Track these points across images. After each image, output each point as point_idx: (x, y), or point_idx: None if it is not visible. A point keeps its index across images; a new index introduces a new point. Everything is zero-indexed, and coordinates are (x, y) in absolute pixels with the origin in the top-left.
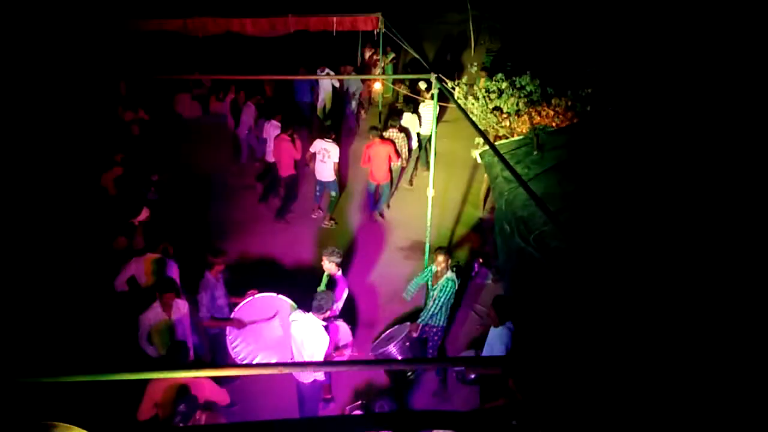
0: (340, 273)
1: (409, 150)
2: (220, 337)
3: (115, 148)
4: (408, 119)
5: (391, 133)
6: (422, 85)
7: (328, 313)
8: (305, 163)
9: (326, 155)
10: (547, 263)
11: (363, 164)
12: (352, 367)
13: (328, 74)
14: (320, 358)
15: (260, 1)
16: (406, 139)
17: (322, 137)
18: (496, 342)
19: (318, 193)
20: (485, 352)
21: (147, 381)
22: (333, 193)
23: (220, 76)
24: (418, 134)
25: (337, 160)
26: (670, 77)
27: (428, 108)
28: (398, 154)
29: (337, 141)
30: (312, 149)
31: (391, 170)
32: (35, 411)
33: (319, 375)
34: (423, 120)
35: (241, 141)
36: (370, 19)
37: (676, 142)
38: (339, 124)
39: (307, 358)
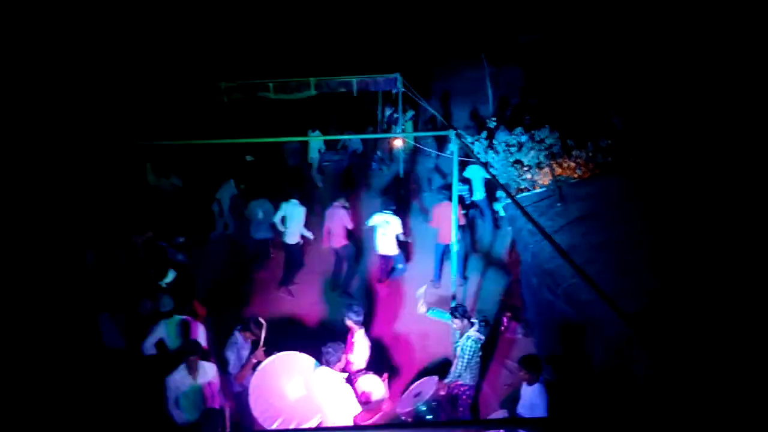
0: (362, 330)
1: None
2: (242, 398)
3: (145, 211)
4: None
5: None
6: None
7: (341, 363)
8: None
9: (386, 228)
10: (578, 316)
11: (432, 224)
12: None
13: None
14: (347, 413)
15: (282, 65)
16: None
17: (382, 209)
18: (535, 400)
19: (383, 266)
20: (524, 412)
21: None
22: (400, 266)
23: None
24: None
25: (400, 231)
26: (689, 126)
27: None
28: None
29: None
30: (372, 222)
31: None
32: None
33: None
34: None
35: (214, 217)
36: (388, 80)
37: (699, 190)
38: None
39: (331, 416)
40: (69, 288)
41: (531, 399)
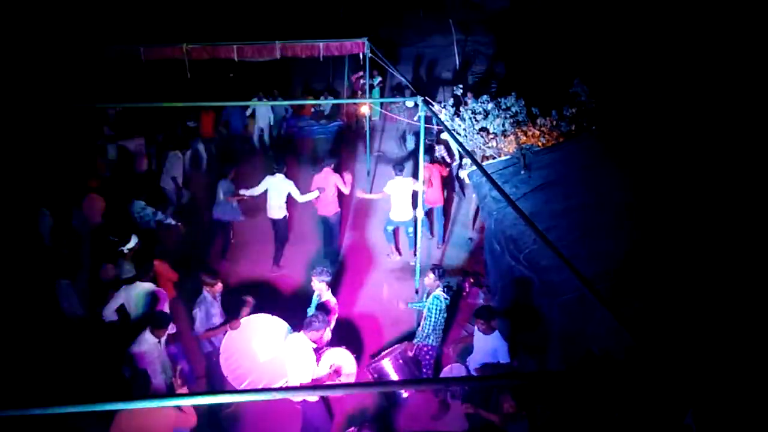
0: (329, 293)
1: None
2: (213, 358)
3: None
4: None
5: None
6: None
7: (318, 334)
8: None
9: (402, 192)
10: (538, 281)
11: (427, 187)
12: (348, 390)
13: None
14: (305, 378)
15: (248, 28)
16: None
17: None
18: (496, 344)
19: (390, 233)
20: (478, 358)
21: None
22: (410, 230)
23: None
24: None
25: (420, 188)
26: (652, 95)
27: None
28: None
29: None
30: (388, 189)
31: (444, 192)
32: None
33: (310, 397)
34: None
35: (166, 192)
36: (356, 45)
37: (661, 159)
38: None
39: (291, 379)
40: (25, 255)
41: (492, 345)
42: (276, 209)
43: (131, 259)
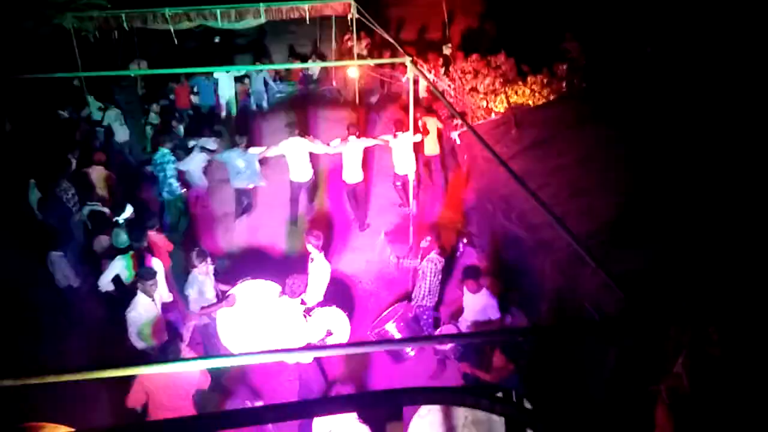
0: (321, 255)
1: None
2: (210, 328)
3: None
4: None
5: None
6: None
7: (299, 294)
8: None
9: (403, 146)
10: (531, 239)
11: (419, 135)
12: (349, 350)
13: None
14: (299, 340)
15: None
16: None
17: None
18: (486, 303)
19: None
20: (469, 318)
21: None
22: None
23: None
24: None
25: (418, 138)
26: (642, 49)
27: None
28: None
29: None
30: (392, 142)
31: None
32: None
33: (304, 359)
34: None
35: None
36: (342, 5)
37: (650, 114)
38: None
39: (286, 342)
40: (15, 227)
41: (481, 303)
42: (299, 172)
43: (126, 229)
